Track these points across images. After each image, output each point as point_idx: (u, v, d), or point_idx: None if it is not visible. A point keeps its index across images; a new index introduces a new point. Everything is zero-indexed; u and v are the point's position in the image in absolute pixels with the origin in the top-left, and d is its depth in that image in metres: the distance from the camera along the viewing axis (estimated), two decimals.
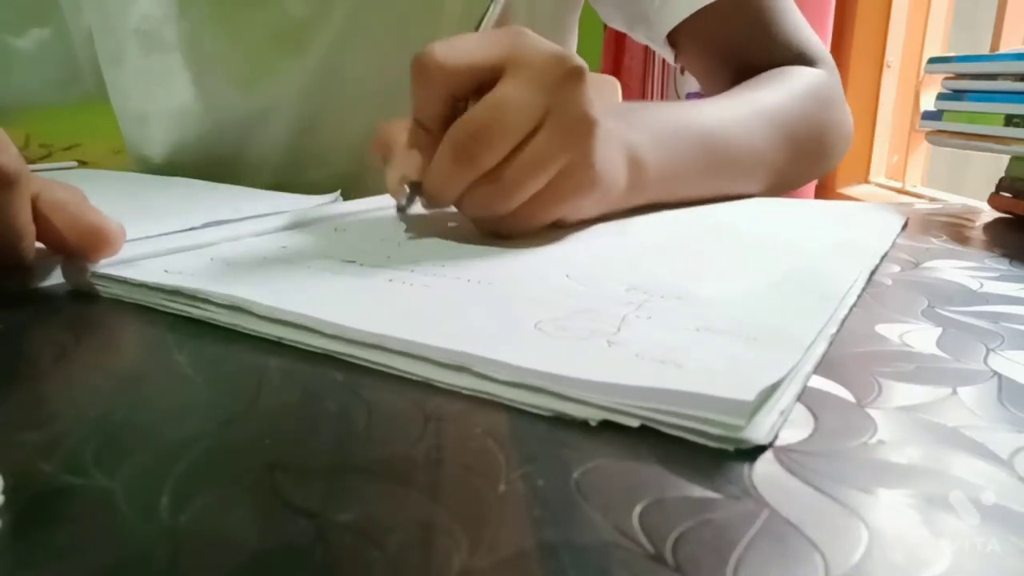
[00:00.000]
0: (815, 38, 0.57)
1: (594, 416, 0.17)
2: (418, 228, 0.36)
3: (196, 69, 0.55)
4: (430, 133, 0.32)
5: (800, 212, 0.42)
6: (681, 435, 0.17)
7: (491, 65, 0.31)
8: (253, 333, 0.23)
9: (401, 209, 0.34)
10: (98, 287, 0.27)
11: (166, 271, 0.27)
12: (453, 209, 0.34)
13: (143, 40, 0.55)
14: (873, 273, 0.31)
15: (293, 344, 0.22)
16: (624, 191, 0.37)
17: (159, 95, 0.57)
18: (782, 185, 0.50)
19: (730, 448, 0.16)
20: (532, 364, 0.18)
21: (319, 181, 0.48)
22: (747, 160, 0.46)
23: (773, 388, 0.17)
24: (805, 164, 0.52)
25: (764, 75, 0.53)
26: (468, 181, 0.31)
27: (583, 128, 0.32)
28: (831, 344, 0.22)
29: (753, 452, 0.16)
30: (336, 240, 0.33)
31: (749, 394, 0.16)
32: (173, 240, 0.31)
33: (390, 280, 0.27)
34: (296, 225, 0.36)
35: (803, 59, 0.55)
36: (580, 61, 0.31)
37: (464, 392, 0.19)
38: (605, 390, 0.17)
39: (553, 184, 0.32)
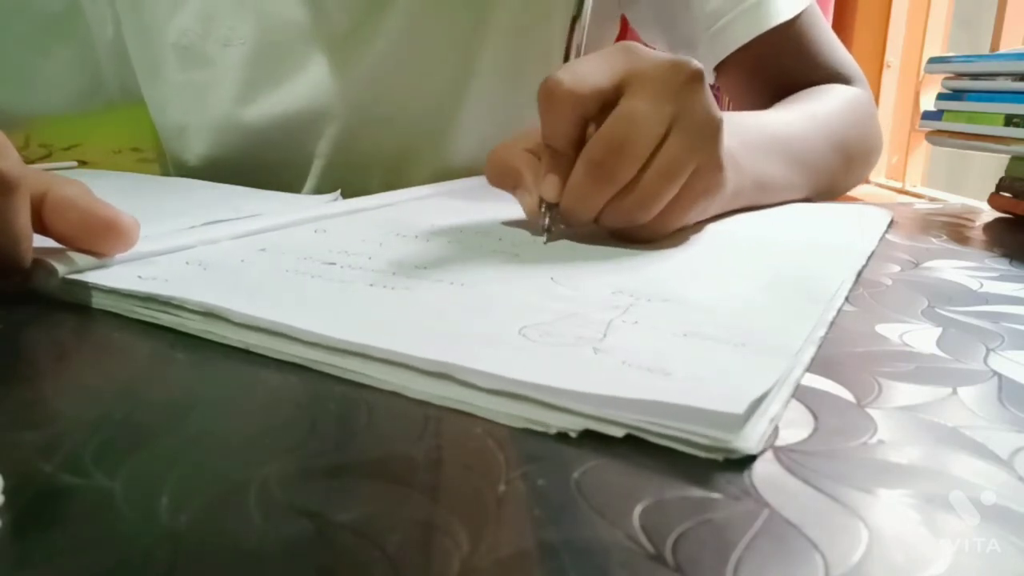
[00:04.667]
0: (849, 57, 0.59)
1: (575, 426, 0.17)
2: (400, 228, 0.35)
3: (237, 83, 0.55)
4: (563, 155, 0.33)
5: (786, 213, 0.42)
6: (668, 444, 0.16)
7: (614, 84, 0.32)
8: (227, 342, 0.22)
9: (547, 230, 0.34)
10: (64, 293, 0.25)
11: (139, 276, 0.25)
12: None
13: (182, 55, 0.55)
14: (860, 273, 0.31)
15: (265, 353, 0.21)
16: (729, 196, 0.38)
17: (198, 108, 0.56)
18: (833, 192, 0.52)
19: (719, 459, 0.16)
20: (518, 374, 0.18)
21: (358, 191, 0.48)
22: (812, 168, 0.47)
23: (762, 398, 0.17)
24: (854, 171, 0.54)
25: (808, 91, 0.54)
26: (608, 196, 0.32)
27: (710, 129, 0.32)
28: (820, 347, 0.22)
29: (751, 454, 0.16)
30: (316, 242, 0.32)
31: (739, 407, 0.16)
32: (148, 244, 0.29)
33: (371, 284, 0.26)
34: (276, 227, 0.34)
35: (840, 78, 0.57)
36: (697, 65, 0.32)
37: (439, 404, 0.18)
38: (593, 401, 0.17)
39: (686, 187, 0.32)
